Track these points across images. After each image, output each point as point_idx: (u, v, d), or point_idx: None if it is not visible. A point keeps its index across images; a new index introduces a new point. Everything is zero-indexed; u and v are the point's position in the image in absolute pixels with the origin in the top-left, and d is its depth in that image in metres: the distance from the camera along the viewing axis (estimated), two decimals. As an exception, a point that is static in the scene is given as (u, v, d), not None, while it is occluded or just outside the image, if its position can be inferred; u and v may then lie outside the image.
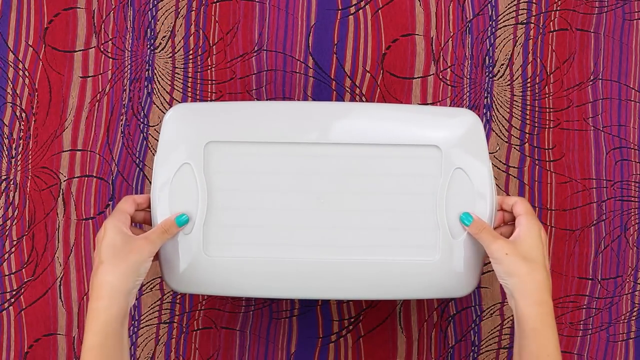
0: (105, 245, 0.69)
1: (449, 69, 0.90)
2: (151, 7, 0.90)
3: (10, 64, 0.90)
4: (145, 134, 0.90)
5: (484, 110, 0.90)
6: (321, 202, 0.75)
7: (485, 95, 0.90)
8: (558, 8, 0.91)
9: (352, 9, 0.91)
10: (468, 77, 0.91)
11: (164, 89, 0.90)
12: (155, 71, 0.90)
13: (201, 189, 0.75)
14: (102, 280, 0.68)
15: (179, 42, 0.90)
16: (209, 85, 0.90)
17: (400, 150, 0.75)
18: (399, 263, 0.75)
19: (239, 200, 0.75)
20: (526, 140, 0.91)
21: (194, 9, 0.90)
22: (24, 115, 0.90)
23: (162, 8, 0.90)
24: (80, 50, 0.90)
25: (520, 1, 0.91)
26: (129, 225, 0.72)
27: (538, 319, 0.69)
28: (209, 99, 0.90)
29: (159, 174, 0.75)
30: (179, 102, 0.89)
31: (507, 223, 0.77)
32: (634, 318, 0.90)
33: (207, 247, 0.75)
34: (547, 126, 0.91)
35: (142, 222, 0.77)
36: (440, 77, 0.90)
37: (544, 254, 0.71)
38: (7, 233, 0.89)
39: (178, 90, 0.90)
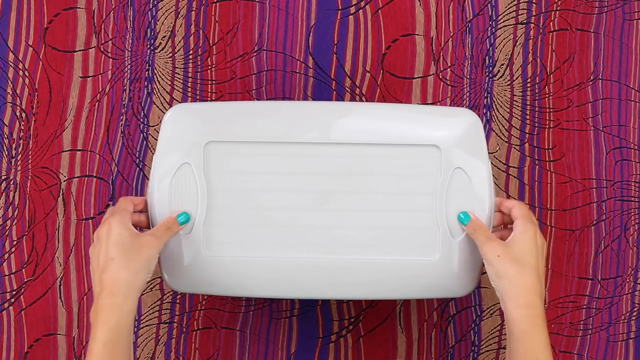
0: (114, 242, 0.69)
1: (449, 69, 0.90)
2: (151, 7, 0.90)
3: (10, 64, 0.90)
4: (145, 134, 0.90)
5: (484, 110, 0.90)
6: (321, 202, 0.75)
7: (485, 95, 0.90)
8: (558, 8, 0.91)
9: (352, 9, 0.91)
10: (468, 77, 0.91)
11: (164, 89, 0.90)
12: (155, 71, 0.90)
13: (201, 189, 0.75)
14: (115, 277, 0.68)
15: (179, 42, 0.90)
16: (209, 85, 0.90)
17: (400, 150, 0.75)
18: (399, 263, 0.75)
19: (238, 200, 0.75)
20: (526, 140, 0.91)
21: (194, 9, 0.90)
22: (24, 115, 0.90)
23: (162, 8, 0.90)
24: (80, 50, 0.90)
25: (520, 1, 0.91)
26: (131, 223, 0.72)
27: (526, 322, 0.68)
28: (209, 99, 0.90)
29: (157, 174, 0.75)
30: (179, 102, 0.89)
31: (506, 225, 0.77)
32: (634, 318, 0.90)
33: (207, 247, 0.75)
34: (547, 126, 0.91)
35: (135, 224, 0.76)
36: (440, 77, 0.90)
37: (537, 257, 0.70)
38: (7, 233, 0.89)
39: (178, 90, 0.90)
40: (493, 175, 0.90)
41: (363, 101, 0.90)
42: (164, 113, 0.84)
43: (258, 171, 0.75)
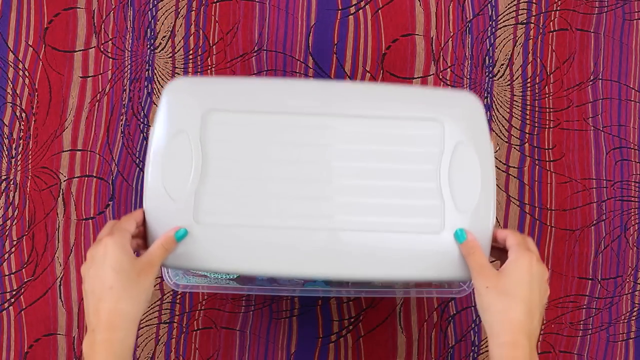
0: (111, 268, 0.62)
1: (449, 69, 0.90)
2: (151, 7, 0.90)
3: (10, 64, 0.90)
4: (145, 134, 0.90)
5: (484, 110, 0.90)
6: (320, 174, 0.72)
7: (485, 95, 0.90)
8: (558, 8, 0.91)
9: (352, 9, 0.91)
10: (468, 77, 0.91)
11: (164, 89, 0.90)
12: (155, 71, 0.90)
13: (195, 156, 0.71)
14: (114, 308, 0.62)
15: (179, 42, 0.90)
16: (209, 85, 0.90)
17: (403, 123, 0.73)
18: (402, 239, 0.71)
19: (234, 170, 0.71)
20: (526, 140, 0.91)
21: (194, 9, 0.90)
22: (24, 115, 0.90)
23: (162, 8, 0.90)
24: (80, 50, 0.90)
25: (520, 1, 0.91)
26: (129, 244, 0.65)
27: None
28: (209, 99, 0.90)
29: (154, 143, 0.71)
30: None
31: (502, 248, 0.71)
32: (634, 318, 0.90)
33: (197, 216, 0.70)
34: (547, 126, 0.91)
35: (135, 248, 0.69)
36: (440, 77, 0.90)
37: (530, 289, 0.64)
38: (7, 233, 0.89)
39: (178, 90, 0.90)
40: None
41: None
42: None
43: (256, 141, 0.72)
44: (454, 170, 0.72)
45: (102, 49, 0.90)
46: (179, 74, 0.90)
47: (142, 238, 0.70)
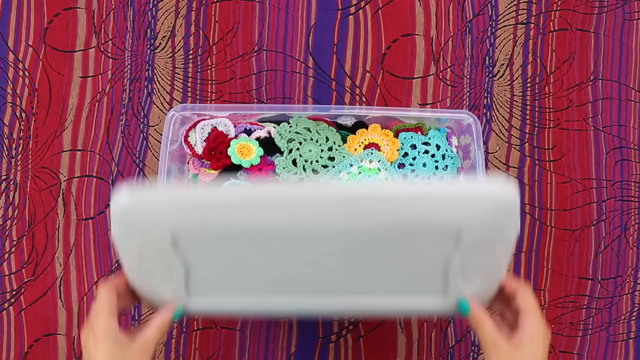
0: None
1: (449, 69, 0.90)
2: (151, 7, 0.90)
3: (10, 64, 0.90)
4: (145, 134, 0.90)
5: (484, 111, 0.90)
6: (317, 267, 0.64)
7: (485, 95, 0.90)
8: (558, 8, 0.91)
9: (352, 9, 0.91)
10: (468, 77, 0.91)
11: (164, 89, 0.90)
12: (155, 71, 0.90)
13: (176, 270, 0.65)
14: None
15: (179, 42, 0.90)
16: (209, 85, 0.90)
17: (412, 239, 0.63)
18: (401, 301, 0.67)
19: (220, 274, 0.66)
20: (526, 140, 0.91)
21: (194, 9, 0.90)
22: (24, 115, 0.90)
23: (162, 8, 0.90)
24: (80, 50, 0.90)
25: (520, 1, 0.91)
26: (117, 324, 0.63)
27: None
28: (209, 99, 0.90)
29: (125, 264, 0.65)
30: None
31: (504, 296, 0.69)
32: (634, 318, 0.90)
33: (189, 292, 0.67)
34: (547, 126, 0.91)
35: (130, 304, 0.68)
36: (440, 77, 0.90)
37: (544, 358, 0.64)
38: (7, 233, 0.89)
39: (178, 90, 0.90)
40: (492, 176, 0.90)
41: (363, 102, 0.90)
42: (165, 113, 0.84)
43: (242, 259, 0.64)
44: (464, 261, 0.64)
45: (102, 49, 0.90)
46: (178, 74, 0.90)
47: (132, 294, 0.68)
